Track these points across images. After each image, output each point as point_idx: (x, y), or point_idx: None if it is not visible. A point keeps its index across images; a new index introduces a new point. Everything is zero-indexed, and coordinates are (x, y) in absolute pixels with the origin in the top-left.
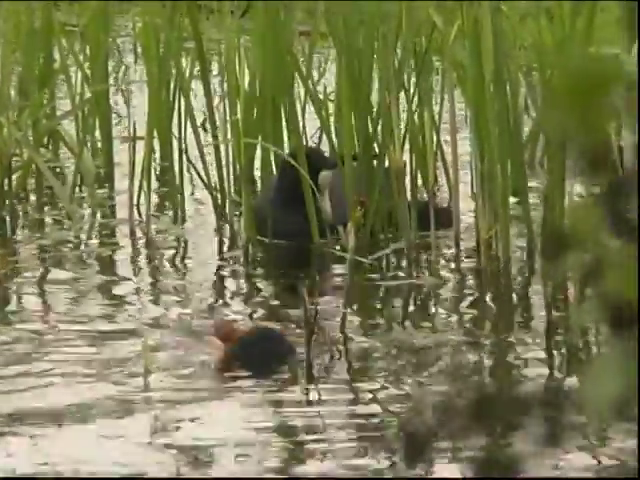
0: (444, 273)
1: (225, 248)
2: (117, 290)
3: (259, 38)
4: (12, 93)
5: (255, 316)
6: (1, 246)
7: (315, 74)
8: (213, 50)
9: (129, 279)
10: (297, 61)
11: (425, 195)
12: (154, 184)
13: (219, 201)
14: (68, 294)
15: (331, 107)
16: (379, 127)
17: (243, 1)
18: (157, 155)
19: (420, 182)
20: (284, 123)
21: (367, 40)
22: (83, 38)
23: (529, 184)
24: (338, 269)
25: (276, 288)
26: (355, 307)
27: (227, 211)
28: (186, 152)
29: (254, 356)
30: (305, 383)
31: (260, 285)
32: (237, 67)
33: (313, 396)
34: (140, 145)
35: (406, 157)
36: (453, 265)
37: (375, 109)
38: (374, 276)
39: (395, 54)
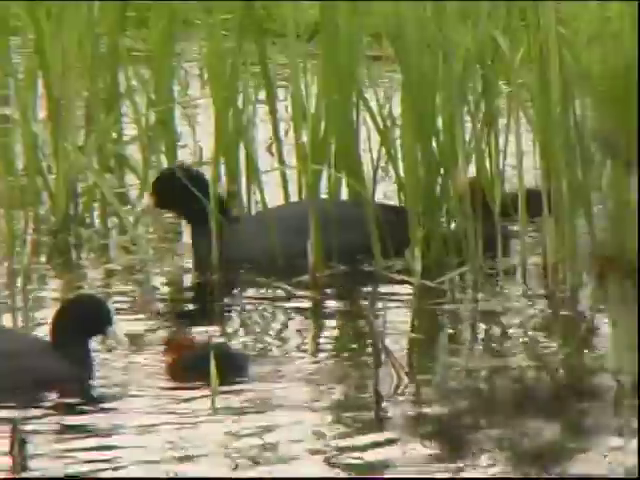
0: (510, 297)
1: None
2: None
3: (324, 62)
4: (78, 118)
5: (321, 339)
6: (67, 271)
7: (381, 97)
8: (279, 74)
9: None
10: (360, 86)
11: (494, 218)
12: None
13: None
14: (133, 316)
15: (397, 132)
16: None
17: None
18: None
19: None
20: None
21: (432, 63)
22: (149, 63)
23: (594, 207)
24: (404, 292)
25: (342, 312)
26: (421, 330)
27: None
28: (253, 175)
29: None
30: (374, 404)
31: (326, 310)
32: (303, 91)
33: (380, 416)
34: (206, 169)
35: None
36: (520, 289)
37: (440, 132)
38: (440, 300)
39: (461, 78)
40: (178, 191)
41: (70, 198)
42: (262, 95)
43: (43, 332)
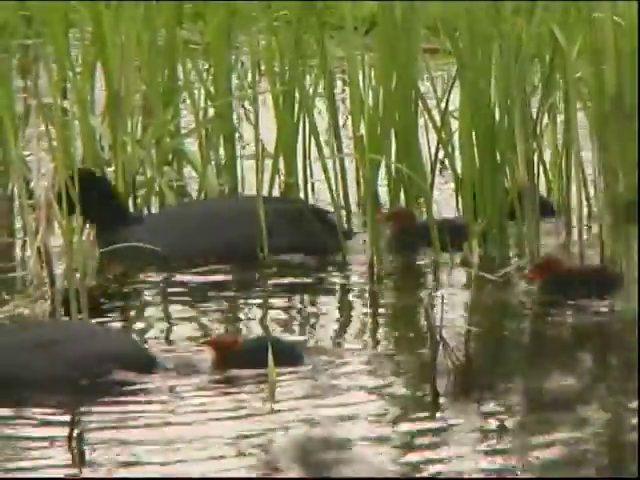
0: None
1: (349, 262)
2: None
3: (381, 55)
4: (136, 111)
5: (379, 331)
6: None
7: (439, 91)
8: (337, 67)
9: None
10: (416, 79)
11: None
12: None
13: (344, 216)
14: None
15: (454, 124)
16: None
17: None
18: (282, 172)
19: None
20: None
21: (486, 56)
22: (206, 55)
23: None
24: (462, 285)
25: (400, 304)
26: (479, 323)
27: (351, 226)
28: (310, 168)
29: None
30: (430, 398)
31: (384, 301)
32: (361, 84)
33: (437, 410)
34: (265, 162)
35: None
36: None
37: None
38: (498, 292)
39: (516, 70)
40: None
41: (128, 191)
42: (320, 88)
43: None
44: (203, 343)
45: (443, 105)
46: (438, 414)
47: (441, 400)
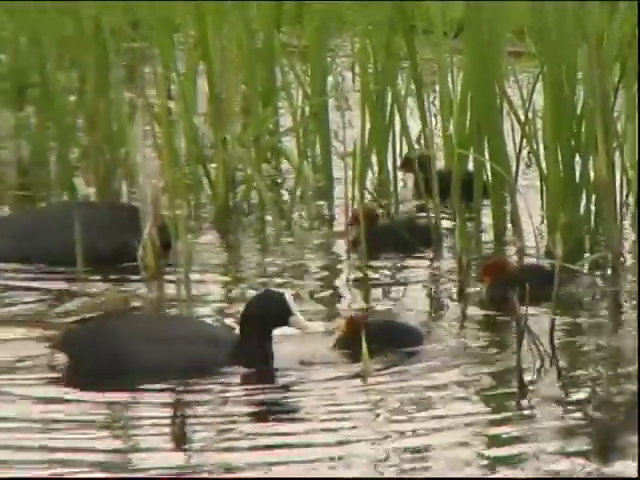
0: None
1: (437, 256)
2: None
3: (469, 58)
4: (236, 111)
5: (466, 321)
6: (227, 255)
7: (523, 91)
8: (427, 69)
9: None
10: (502, 81)
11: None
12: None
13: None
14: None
15: (538, 123)
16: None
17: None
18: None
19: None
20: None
21: (571, 56)
22: (303, 58)
23: None
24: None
25: (486, 296)
26: (563, 313)
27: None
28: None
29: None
30: (517, 387)
31: (470, 290)
32: (450, 85)
33: (523, 399)
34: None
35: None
36: None
37: (579, 123)
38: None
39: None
40: None
41: (229, 187)
42: (411, 88)
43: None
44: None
45: (527, 105)
46: (523, 402)
47: (526, 387)
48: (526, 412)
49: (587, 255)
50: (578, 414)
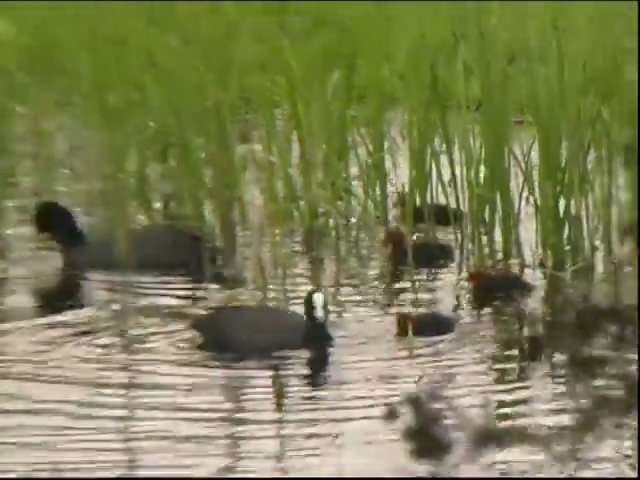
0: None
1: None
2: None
3: (485, 125)
4: (319, 163)
5: (482, 313)
6: (312, 271)
7: (524, 149)
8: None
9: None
10: (509, 141)
11: None
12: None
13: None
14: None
15: (535, 172)
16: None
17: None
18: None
19: None
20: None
21: (557, 126)
22: (367, 125)
23: None
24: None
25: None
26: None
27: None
28: (438, 201)
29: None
30: (519, 363)
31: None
32: (471, 145)
33: (524, 371)
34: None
35: None
36: None
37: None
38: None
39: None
40: (51, 223)
41: (314, 217)
42: (444, 147)
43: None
44: (399, 317)
45: (526, 159)
46: (521, 372)
47: (526, 363)
48: (525, 380)
49: (569, 266)
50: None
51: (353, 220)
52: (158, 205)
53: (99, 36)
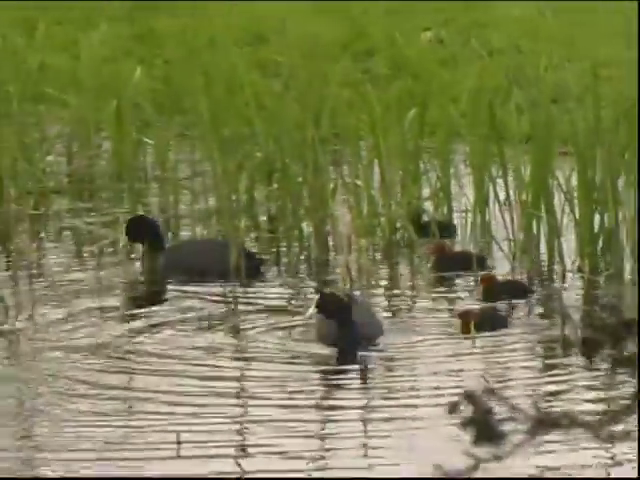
0: None
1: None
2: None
3: (534, 155)
4: (397, 185)
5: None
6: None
7: (566, 174)
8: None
9: None
10: (554, 169)
11: None
12: None
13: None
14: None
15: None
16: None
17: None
18: None
19: None
20: None
21: (592, 155)
22: (437, 154)
23: None
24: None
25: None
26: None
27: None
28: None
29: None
30: (561, 354)
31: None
32: (522, 171)
33: (566, 364)
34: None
35: None
36: None
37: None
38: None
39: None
40: (139, 232)
41: (392, 231)
42: (500, 174)
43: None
44: (459, 314)
45: (567, 182)
46: (567, 365)
47: (568, 355)
48: (568, 370)
49: (603, 272)
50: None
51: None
52: (264, 220)
53: (215, 81)
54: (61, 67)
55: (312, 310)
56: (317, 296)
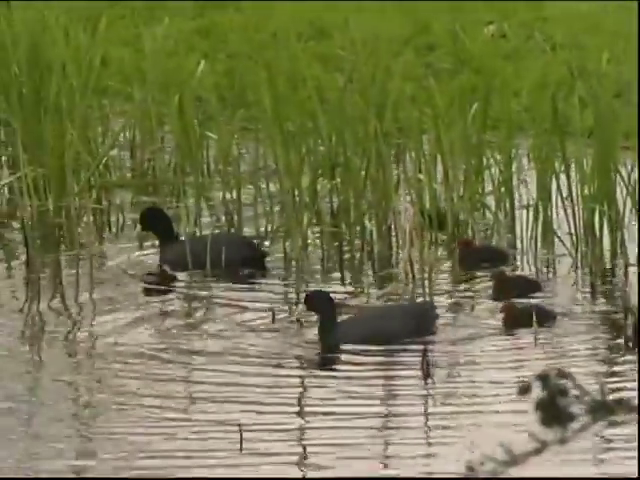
0: None
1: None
2: None
3: (597, 149)
4: (459, 179)
5: (597, 302)
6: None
7: (629, 168)
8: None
9: None
10: (617, 162)
11: None
12: None
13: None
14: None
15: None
16: None
17: None
18: None
19: None
20: None
21: None
22: (499, 149)
23: None
24: None
25: (602, 288)
26: None
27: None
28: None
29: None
30: (622, 346)
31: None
32: (584, 164)
33: (628, 353)
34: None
35: None
36: None
37: None
38: None
39: None
40: (152, 222)
41: (455, 224)
42: (563, 168)
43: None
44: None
45: (630, 174)
46: (627, 359)
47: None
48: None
49: None
50: None
51: (487, 226)
52: (327, 215)
53: (278, 75)
54: (124, 61)
55: (301, 307)
56: (305, 294)
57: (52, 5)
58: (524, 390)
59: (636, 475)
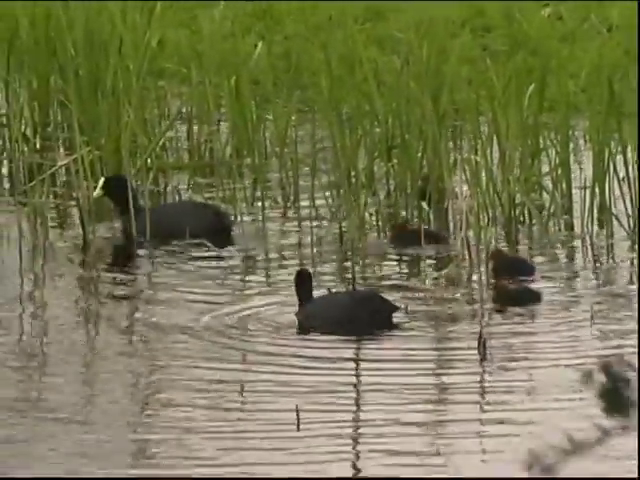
0: None
1: None
2: None
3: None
4: (516, 163)
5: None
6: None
7: None
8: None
9: None
10: None
11: None
12: None
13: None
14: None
15: None
16: None
17: None
18: None
19: None
20: None
21: None
22: (556, 130)
23: None
24: None
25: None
26: None
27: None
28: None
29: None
30: None
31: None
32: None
33: None
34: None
35: None
36: None
37: None
38: None
39: None
40: (114, 190)
41: (511, 207)
42: (618, 153)
43: None
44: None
45: None
46: None
47: None
48: None
49: None
50: None
51: (542, 209)
52: (382, 195)
53: (334, 57)
54: (181, 43)
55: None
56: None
57: None
58: (587, 378)
59: (636, 475)
